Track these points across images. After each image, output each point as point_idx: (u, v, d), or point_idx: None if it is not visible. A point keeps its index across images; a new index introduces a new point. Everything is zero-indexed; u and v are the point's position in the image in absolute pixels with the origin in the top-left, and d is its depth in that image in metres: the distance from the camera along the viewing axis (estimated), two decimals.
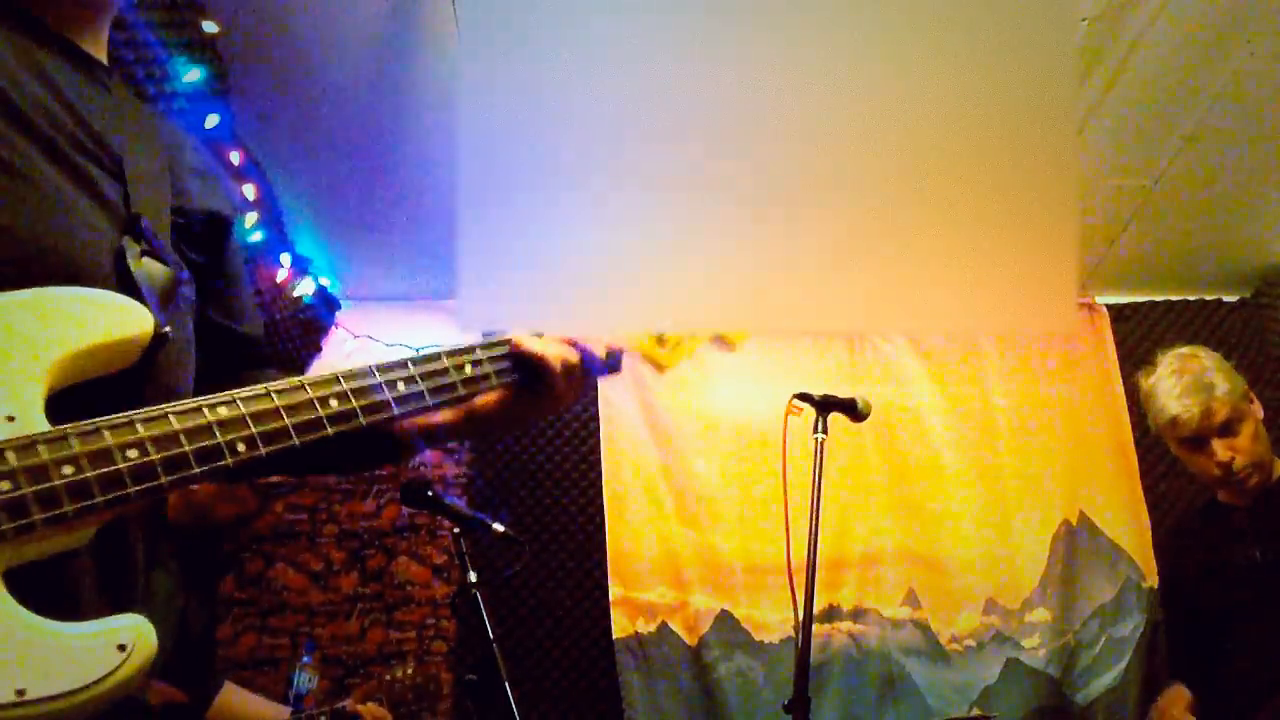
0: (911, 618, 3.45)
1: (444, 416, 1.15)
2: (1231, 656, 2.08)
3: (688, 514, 3.51)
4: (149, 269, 0.91)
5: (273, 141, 2.84)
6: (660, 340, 1.34)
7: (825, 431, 2.28)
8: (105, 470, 0.75)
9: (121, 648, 0.73)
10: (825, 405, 2.32)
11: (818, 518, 2.18)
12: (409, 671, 2.45)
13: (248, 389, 0.87)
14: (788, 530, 2.32)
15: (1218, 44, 2.65)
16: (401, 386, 1.00)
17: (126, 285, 0.87)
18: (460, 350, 1.13)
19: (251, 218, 2.83)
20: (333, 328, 3.66)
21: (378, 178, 3.10)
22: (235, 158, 2.65)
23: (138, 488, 0.77)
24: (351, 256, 3.55)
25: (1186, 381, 2.09)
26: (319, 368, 3.60)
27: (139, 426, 0.79)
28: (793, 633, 2.13)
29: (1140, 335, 3.79)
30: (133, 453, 0.77)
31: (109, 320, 0.82)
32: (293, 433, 0.88)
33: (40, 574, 0.74)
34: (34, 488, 0.71)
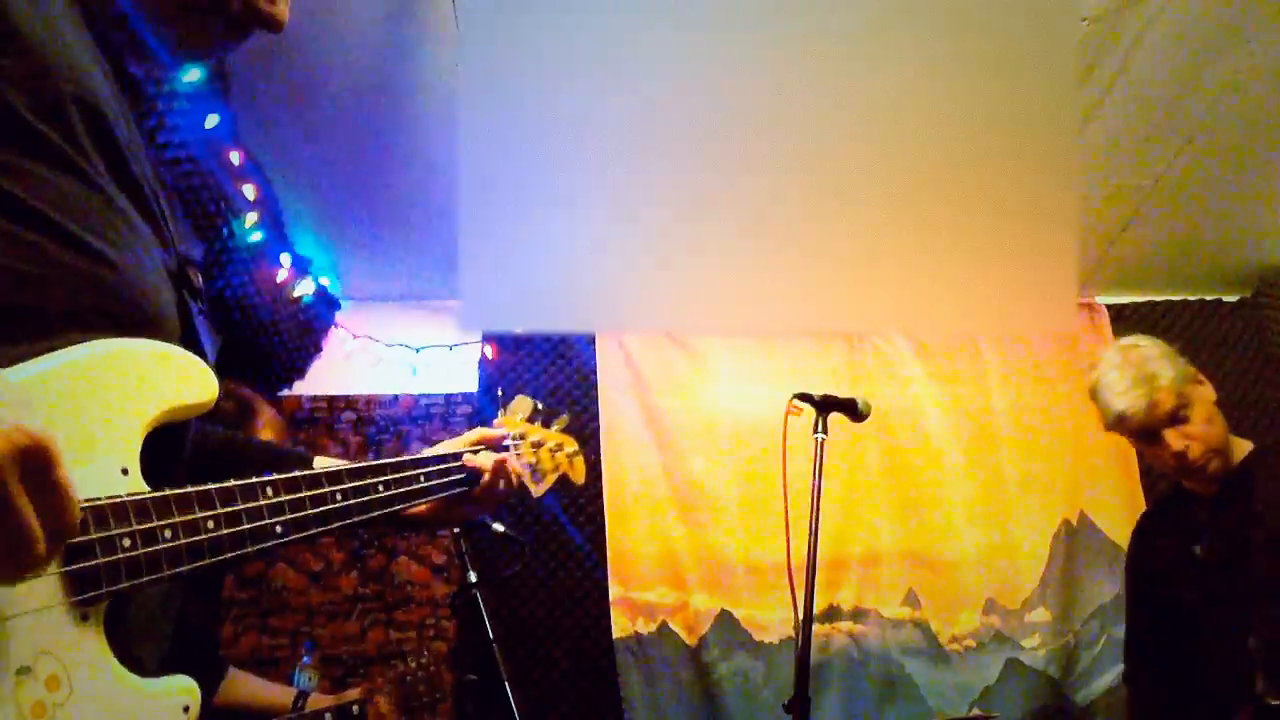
0: (911, 618, 3.45)
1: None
2: (1195, 655, 2.07)
3: (688, 514, 3.51)
4: (207, 326, 0.99)
5: (273, 141, 2.84)
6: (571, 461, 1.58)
7: (825, 431, 2.27)
8: (192, 540, 0.83)
9: (185, 709, 0.81)
10: (825, 405, 2.32)
11: (818, 518, 2.17)
12: (422, 661, 2.45)
13: (283, 476, 0.97)
14: (788, 530, 2.31)
15: (1218, 44, 2.65)
16: (382, 489, 1.14)
17: (191, 342, 0.93)
18: (420, 461, 1.28)
19: (251, 218, 2.83)
20: (333, 328, 3.66)
21: (378, 177, 3.10)
22: (235, 158, 2.65)
23: (211, 560, 0.85)
24: (351, 256, 3.54)
25: (1129, 375, 2.04)
26: (319, 368, 3.62)
27: (216, 500, 0.86)
28: (793, 633, 2.13)
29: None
30: (210, 524, 0.85)
31: (197, 383, 0.89)
32: (313, 523, 0.99)
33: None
34: (145, 550, 0.78)
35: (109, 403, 0.79)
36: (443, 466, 1.30)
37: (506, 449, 1.48)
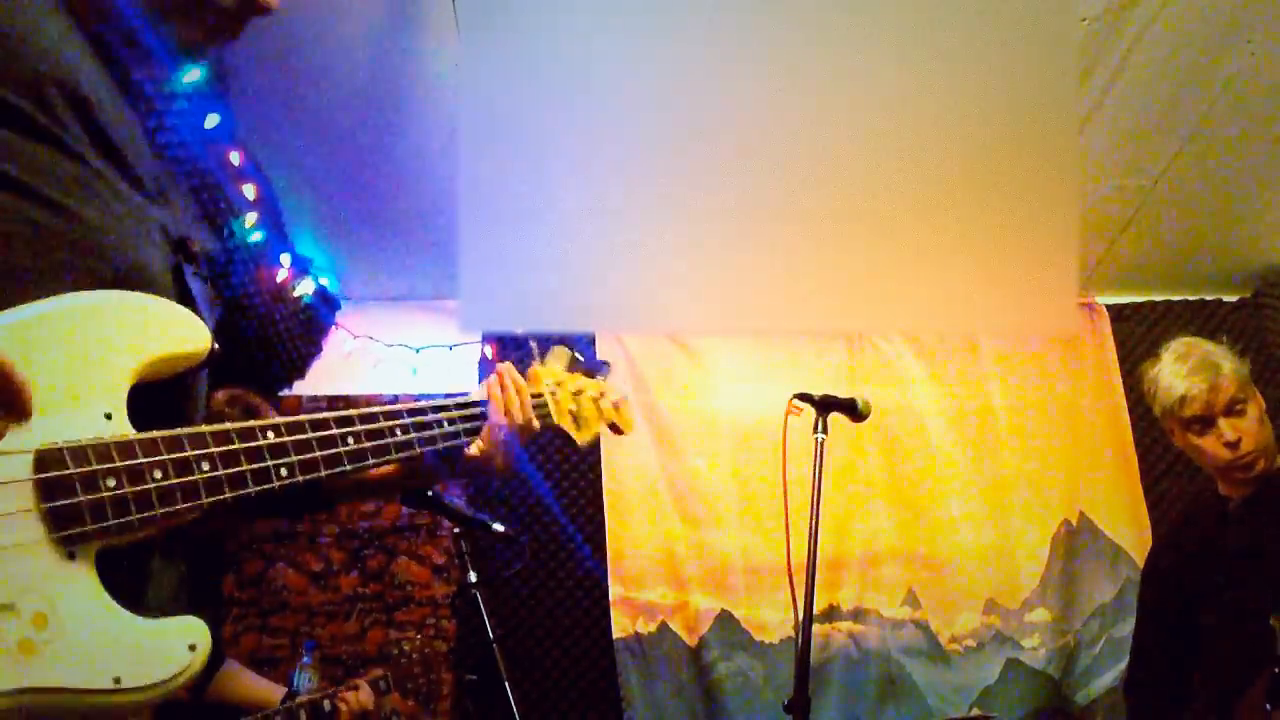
0: (911, 618, 3.45)
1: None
2: (1213, 639, 2.09)
3: (688, 514, 3.51)
4: (203, 289, 0.98)
5: (273, 142, 2.84)
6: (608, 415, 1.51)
7: (825, 431, 2.27)
8: (186, 480, 0.81)
9: (192, 647, 0.79)
10: (825, 405, 2.32)
11: (818, 518, 2.17)
12: (416, 644, 2.47)
13: (287, 418, 0.93)
14: (788, 530, 2.32)
15: (1218, 44, 2.65)
16: (399, 433, 1.08)
17: (185, 300, 0.93)
18: (439, 406, 1.20)
19: (251, 218, 2.83)
20: (333, 328, 3.65)
21: (378, 177, 3.11)
22: (235, 158, 2.64)
23: (210, 499, 0.82)
24: (351, 256, 3.55)
25: (1192, 362, 2.10)
26: (319, 368, 3.61)
27: (209, 440, 0.84)
28: (793, 633, 2.13)
29: (1140, 335, 3.79)
30: (205, 465, 0.83)
31: (188, 332, 0.87)
32: (322, 465, 0.95)
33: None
34: (132, 489, 0.77)
35: (92, 350, 0.78)
36: (466, 412, 1.22)
37: (539, 396, 1.37)
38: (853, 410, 2.36)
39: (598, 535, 3.48)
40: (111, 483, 0.75)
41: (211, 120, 2.49)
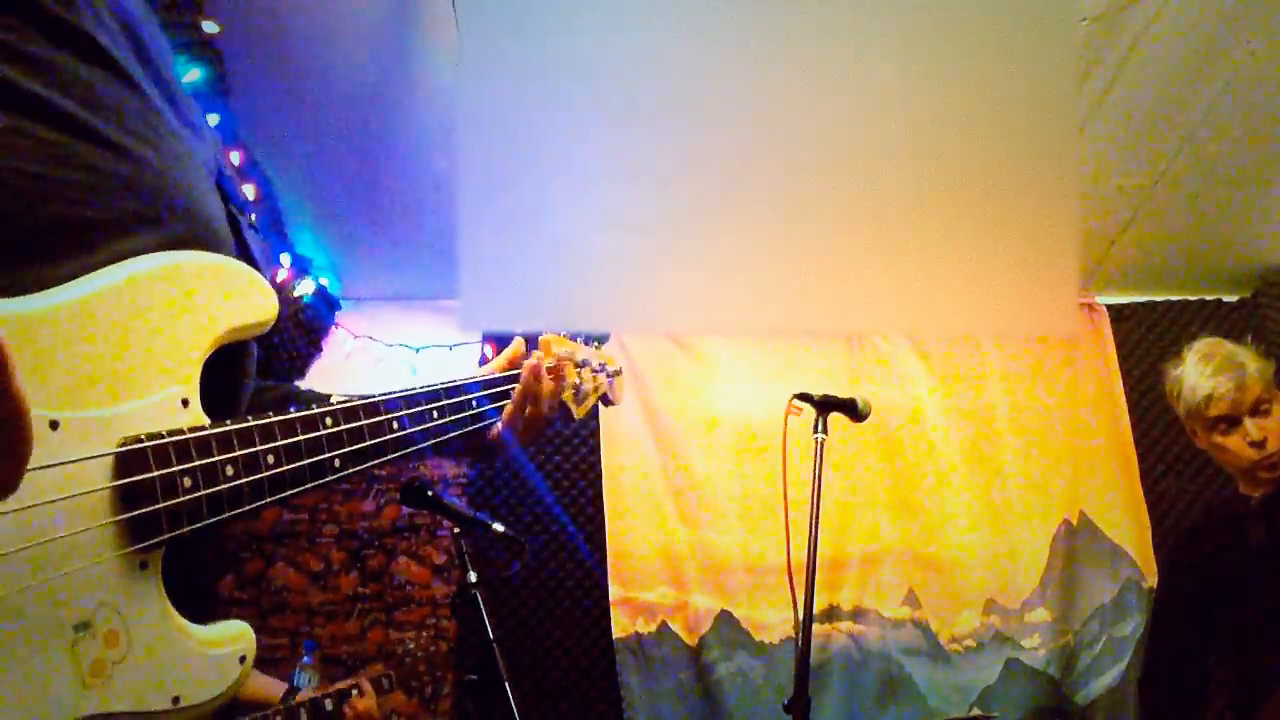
0: (911, 618, 3.45)
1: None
2: (1233, 639, 2.09)
3: (688, 514, 3.51)
4: (260, 243, 0.90)
5: (273, 142, 2.84)
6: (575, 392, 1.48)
7: (825, 431, 2.27)
8: (253, 478, 0.75)
9: (242, 659, 0.74)
10: (825, 405, 2.32)
11: (818, 518, 2.17)
12: (420, 642, 2.45)
13: (341, 405, 0.87)
14: (787, 530, 2.31)
15: (1218, 44, 2.65)
16: (437, 415, 1.04)
17: (245, 257, 0.85)
18: (470, 385, 1.16)
19: (251, 218, 2.83)
20: (333, 328, 3.66)
21: (378, 177, 3.10)
22: (235, 158, 2.65)
23: (273, 497, 0.77)
24: (351, 256, 3.54)
25: (1217, 362, 2.10)
26: (319, 368, 3.61)
27: (277, 433, 0.78)
28: (793, 633, 2.13)
29: (1140, 335, 3.79)
30: (270, 458, 0.77)
31: (259, 297, 0.80)
32: (374, 453, 0.90)
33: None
34: (207, 490, 0.71)
35: (164, 326, 0.71)
36: (495, 390, 1.20)
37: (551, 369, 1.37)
38: (853, 410, 2.36)
39: (598, 535, 3.48)
40: (188, 483, 0.69)
41: (211, 120, 2.48)
